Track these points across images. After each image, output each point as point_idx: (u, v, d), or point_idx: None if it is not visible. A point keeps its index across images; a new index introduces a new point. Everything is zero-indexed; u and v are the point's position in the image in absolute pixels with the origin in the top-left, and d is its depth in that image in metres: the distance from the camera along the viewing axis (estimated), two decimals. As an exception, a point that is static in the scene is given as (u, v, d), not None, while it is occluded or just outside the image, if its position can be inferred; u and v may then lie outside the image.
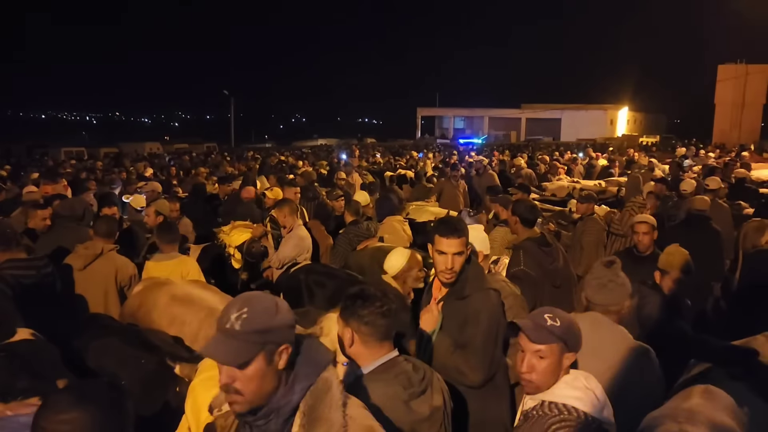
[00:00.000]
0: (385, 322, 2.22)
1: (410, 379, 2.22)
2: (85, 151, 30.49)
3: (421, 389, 2.22)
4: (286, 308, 1.74)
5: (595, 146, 29.90)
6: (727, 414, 2.04)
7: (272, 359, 1.67)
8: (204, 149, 34.93)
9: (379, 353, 2.24)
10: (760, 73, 42.49)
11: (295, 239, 5.88)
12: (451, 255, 2.86)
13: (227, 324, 1.64)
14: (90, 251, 4.59)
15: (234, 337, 1.63)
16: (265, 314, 1.67)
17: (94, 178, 12.06)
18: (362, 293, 2.28)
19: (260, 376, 1.66)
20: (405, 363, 2.26)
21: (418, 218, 7.04)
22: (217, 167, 17.31)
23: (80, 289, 4.53)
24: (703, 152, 21.22)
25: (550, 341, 2.09)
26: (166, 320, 3.76)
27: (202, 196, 9.40)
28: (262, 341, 1.64)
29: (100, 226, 4.84)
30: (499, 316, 2.95)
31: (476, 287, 2.94)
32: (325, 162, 18.89)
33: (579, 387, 2.09)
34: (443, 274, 2.90)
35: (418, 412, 2.19)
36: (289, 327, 1.72)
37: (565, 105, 59.86)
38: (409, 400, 2.19)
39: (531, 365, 2.11)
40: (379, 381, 2.19)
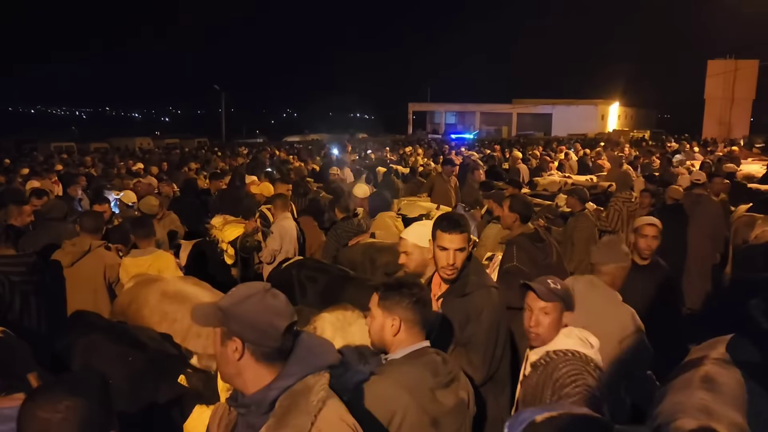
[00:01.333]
0: (426, 310, 2.29)
1: (438, 369, 2.23)
2: (75, 146, 30.27)
3: (448, 380, 2.23)
4: (266, 308, 1.73)
5: (585, 141, 30.00)
6: (735, 409, 2.22)
7: (225, 343, 1.73)
8: (195, 144, 34.75)
9: (416, 340, 2.27)
10: (749, 68, 42.69)
11: (279, 229, 5.97)
12: (453, 251, 2.85)
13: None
14: (77, 248, 4.57)
15: (212, 304, 1.78)
16: (234, 297, 1.75)
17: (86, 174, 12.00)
18: (404, 282, 2.35)
19: (218, 354, 1.77)
20: (434, 354, 2.28)
21: (410, 214, 7.03)
22: (208, 162, 17.24)
23: (69, 286, 4.52)
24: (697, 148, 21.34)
25: (554, 300, 2.55)
26: (157, 317, 3.75)
27: (193, 192, 9.37)
28: (219, 318, 1.73)
29: (87, 222, 4.79)
30: (501, 314, 2.94)
31: (478, 284, 2.93)
32: (318, 158, 18.87)
33: (574, 336, 2.55)
34: (445, 270, 2.89)
35: (443, 402, 2.20)
36: (249, 325, 1.70)
37: (556, 100, 59.93)
38: (435, 389, 2.20)
39: (538, 320, 2.55)
40: (407, 366, 2.21)
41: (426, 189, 10.80)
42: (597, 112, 56.43)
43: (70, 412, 1.56)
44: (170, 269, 4.64)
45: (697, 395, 2.35)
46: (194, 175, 12.28)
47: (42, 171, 12.37)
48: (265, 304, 1.74)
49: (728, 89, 42.82)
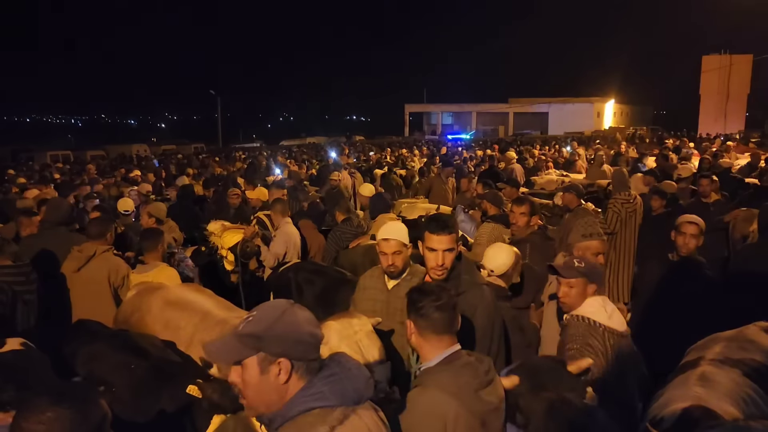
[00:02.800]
0: (440, 316, 2.25)
1: (476, 369, 2.22)
2: (71, 155, 30.22)
3: (489, 379, 2.23)
4: (298, 320, 1.67)
5: (581, 139, 30.04)
6: (730, 403, 2.36)
7: (266, 369, 1.62)
8: (192, 150, 34.74)
9: (439, 347, 2.26)
10: (743, 63, 42.85)
11: (283, 236, 5.98)
12: (441, 252, 2.88)
13: (237, 326, 1.68)
14: (83, 254, 4.60)
15: (234, 336, 1.65)
16: (265, 321, 1.64)
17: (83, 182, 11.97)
18: (421, 288, 2.36)
19: (255, 383, 1.63)
20: (468, 356, 2.28)
21: (409, 215, 7.04)
22: (205, 168, 17.22)
23: (75, 291, 4.55)
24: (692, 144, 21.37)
25: (576, 276, 3.02)
26: (160, 325, 3.74)
27: (190, 198, 9.35)
28: (254, 346, 1.62)
29: (92, 228, 4.83)
30: (494, 311, 2.98)
31: (470, 283, 2.96)
32: (316, 161, 18.87)
33: (594, 305, 3.02)
34: (435, 270, 2.91)
35: (489, 401, 2.20)
36: (293, 341, 1.63)
37: (552, 99, 60.02)
38: (479, 389, 2.19)
39: (565, 292, 3.06)
40: (446, 372, 2.20)
41: (424, 191, 10.81)
42: (593, 109, 56.55)
43: (53, 423, 1.56)
44: (172, 283, 4.64)
45: (692, 390, 2.45)
46: (192, 181, 12.26)
47: (40, 180, 12.37)
48: (297, 317, 1.68)
49: (723, 84, 42.98)
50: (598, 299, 3.06)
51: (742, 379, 2.60)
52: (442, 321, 2.26)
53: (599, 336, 2.90)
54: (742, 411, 2.36)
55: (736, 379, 2.58)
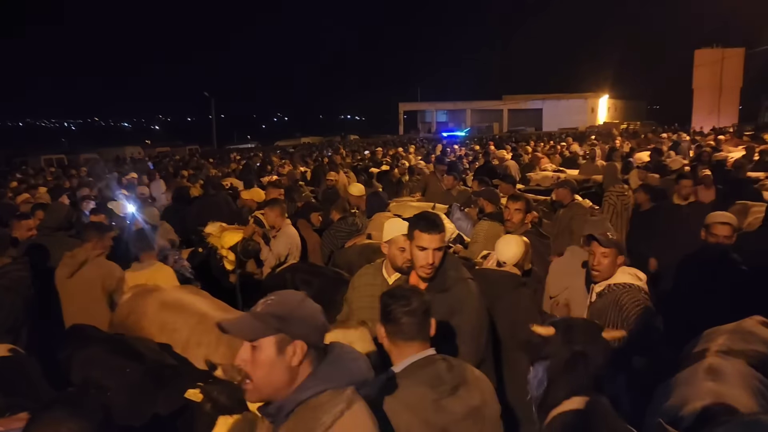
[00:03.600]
0: (409, 321, 2.22)
1: (441, 377, 2.19)
2: (65, 158, 30.11)
3: (452, 387, 2.18)
4: (314, 309, 1.76)
5: (576, 135, 30.10)
6: (744, 392, 2.46)
7: (283, 350, 1.68)
8: (186, 152, 34.65)
9: (408, 352, 2.23)
10: (735, 56, 42.96)
11: (285, 237, 5.97)
12: (431, 250, 2.87)
13: (254, 308, 1.74)
14: (75, 260, 4.57)
15: (253, 315, 1.71)
16: (287, 305, 1.72)
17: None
18: (391, 292, 2.34)
19: (269, 363, 1.68)
20: (440, 362, 2.23)
21: (405, 214, 7.03)
22: (200, 170, 17.17)
23: (68, 297, 4.52)
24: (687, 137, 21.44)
25: (611, 246, 3.37)
26: (156, 328, 3.74)
27: (185, 200, 9.32)
28: (276, 326, 1.68)
29: (89, 232, 4.82)
30: (482, 304, 3.00)
31: (456, 278, 2.97)
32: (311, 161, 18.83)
33: (629, 273, 3.41)
34: (423, 269, 2.90)
35: (451, 411, 2.16)
36: (310, 325, 1.72)
37: (546, 95, 60.08)
38: (439, 399, 2.15)
39: (599, 261, 3.40)
40: (406, 380, 2.17)
41: (419, 189, 10.80)
42: (587, 105, 56.65)
43: None
44: (169, 281, 4.63)
45: (704, 386, 2.45)
46: (187, 183, 12.22)
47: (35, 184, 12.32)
48: (313, 305, 1.77)
49: (716, 78, 43.07)
50: (627, 269, 3.46)
51: (747, 369, 2.63)
52: (410, 326, 2.22)
53: (646, 297, 3.29)
54: (757, 401, 2.41)
55: (742, 370, 2.62)
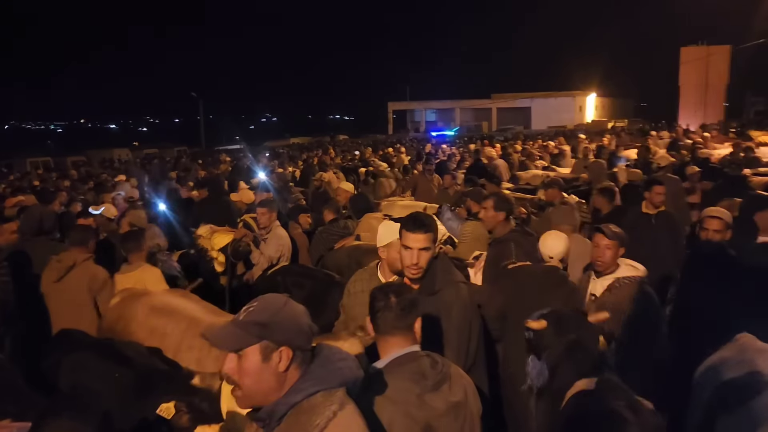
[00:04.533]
0: (394, 316, 2.23)
1: (424, 373, 2.20)
2: (52, 161, 29.82)
3: (435, 383, 2.20)
4: (297, 312, 1.74)
5: (565, 133, 30.22)
6: None
7: (269, 357, 1.67)
8: (174, 153, 34.45)
9: (391, 346, 2.25)
10: (721, 54, 43.26)
11: (276, 238, 5.96)
12: (416, 250, 2.85)
13: (237, 315, 1.71)
14: (63, 264, 4.53)
15: (235, 324, 1.68)
16: (269, 310, 1.70)
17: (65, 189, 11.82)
18: (380, 287, 2.35)
19: (256, 371, 1.67)
20: (424, 358, 2.24)
21: (395, 214, 7.02)
22: (188, 171, 17.07)
23: (55, 301, 4.48)
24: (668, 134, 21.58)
25: (615, 239, 3.67)
26: (146, 332, 3.71)
27: (175, 202, 9.26)
28: (258, 334, 1.66)
29: (74, 236, 4.76)
30: (471, 309, 2.96)
31: (446, 281, 2.94)
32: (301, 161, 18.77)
33: (629, 264, 3.72)
34: (409, 269, 2.88)
35: (433, 406, 2.17)
36: (295, 330, 1.70)
37: (535, 93, 60.37)
38: (422, 394, 2.17)
39: (603, 253, 3.69)
40: (390, 374, 2.18)
41: (409, 188, 10.81)
42: (575, 103, 56.96)
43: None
44: (156, 283, 4.60)
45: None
46: (177, 185, 12.14)
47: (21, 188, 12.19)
48: (296, 309, 1.76)
49: (702, 75, 43.36)
50: (626, 260, 3.74)
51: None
52: (396, 321, 2.24)
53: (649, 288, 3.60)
54: None
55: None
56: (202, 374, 2.73)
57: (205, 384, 2.76)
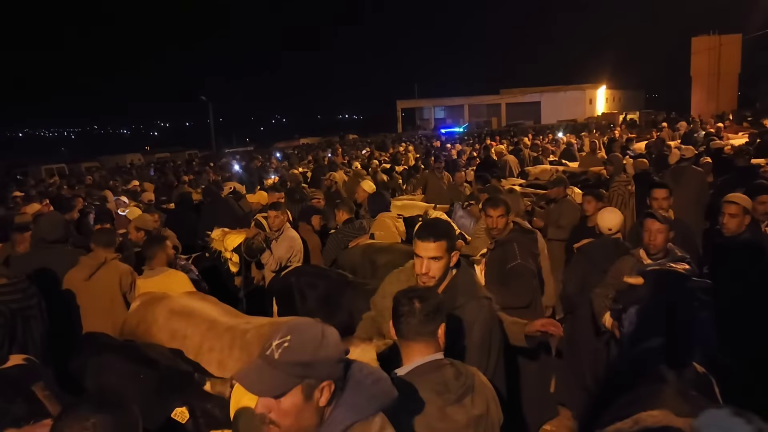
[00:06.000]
0: (412, 321, 2.18)
1: (447, 384, 2.14)
2: (66, 167, 30.13)
3: (458, 396, 2.15)
4: (335, 340, 1.61)
5: (576, 127, 30.07)
6: None
7: (311, 395, 1.56)
8: (186, 157, 34.67)
9: (415, 354, 2.20)
10: (732, 43, 42.77)
11: (288, 240, 5.94)
12: (426, 259, 2.75)
13: (267, 351, 1.55)
14: (94, 261, 4.66)
15: (272, 366, 1.54)
16: (309, 346, 1.56)
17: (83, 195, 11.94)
18: (404, 290, 2.29)
19: (297, 411, 1.55)
20: (448, 367, 2.19)
21: (405, 214, 7.05)
22: (200, 175, 17.18)
23: (87, 298, 4.58)
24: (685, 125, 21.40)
25: (666, 224, 3.85)
26: (167, 335, 3.76)
27: (188, 206, 9.34)
28: (301, 374, 1.54)
29: (99, 238, 4.88)
30: (492, 325, 2.86)
31: (469, 296, 2.83)
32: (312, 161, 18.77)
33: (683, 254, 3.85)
34: (420, 278, 2.80)
35: (454, 419, 2.12)
36: (335, 362, 1.59)
37: (544, 87, 59.97)
38: (444, 407, 2.12)
39: (655, 237, 3.86)
40: (412, 385, 2.13)
41: (419, 186, 10.81)
42: (585, 96, 56.52)
43: (97, 428, 1.61)
44: (183, 286, 4.63)
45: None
46: (189, 189, 12.23)
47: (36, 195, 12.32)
48: (333, 337, 1.62)
49: (714, 65, 42.89)
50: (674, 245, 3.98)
51: None
52: (419, 327, 2.18)
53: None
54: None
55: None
56: (212, 381, 2.77)
57: (217, 390, 2.80)
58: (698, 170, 8.27)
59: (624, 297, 3.01)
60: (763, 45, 39.37)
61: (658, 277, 2.90)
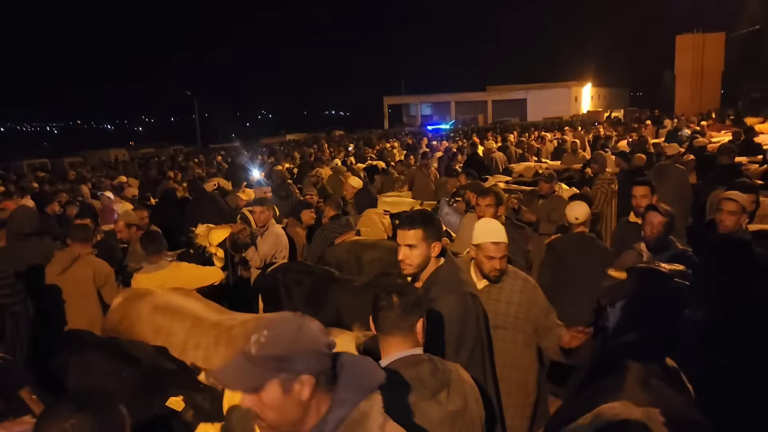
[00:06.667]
0: (389, 316, 2.17)
1: (422, 380, 2.14)
2: (48, 163, 29.75)
3: (432, 392, 2.14)
4: (313, 334, 1.60)
5: (562, 124, 30.26)
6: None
7: (290, 389, 1.56)
8: (171, 152, 34.39)
9: (393, 348, 2.19)
10: (716, 41, 43.23)
11: (273, 236, 5.91)
12: (403, 246, 2.84)
13: (246, 347, 1.55)
14: (68, 256, 4.64)
15: (247, 360, 1.54)
16: (284, 340, 1.55)
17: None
18: (383, 285, 2.30)
19: (277, 405, 1.56)
20: (425, 363, 2.18)
21: (393, 210, 7.05)
22: (185, 170, 17.06)
23: (60, 293, 4.54)
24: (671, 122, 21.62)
25: (667, 216, 3.95)
26: (151, 332, 3.74)
27: (173, 201, 9.27)
28: (276, 368, 1.53)
29: (76, 233, 4.87)
30: (468, 320, 2.82)
31: (446, 289, 2.82)
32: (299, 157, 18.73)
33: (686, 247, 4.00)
34: (401, 265, 2.88)
35: (428, 415, 2.11)
36: (314, 355, 1.57)
37: (530, 85, 60.27)
38: (418, 402, 2.11)
39: (659, 230, 3.94)
40: (388, 380, 2.09)
41: (406, 183, 10.82)
42: (570, 94, 56.89)
43: (76, 429, 1.58)
44: (192, 276, 4.68)
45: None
46: (173, 184, 12.13)
47: (18, 191, 12.18)
48: (314, 330, 1.61)
49: (697, 63, 43.32)
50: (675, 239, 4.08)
51: None
52: (397, 321, 2.18)
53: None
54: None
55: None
56: (207, 372, 2.75)
57: (210, 382, 2.78)
58: (680, 168, 8.36)
59: (611, 292, 2.98)
60: (746, 43, 39.77)
61: (642, 274, 2.87)
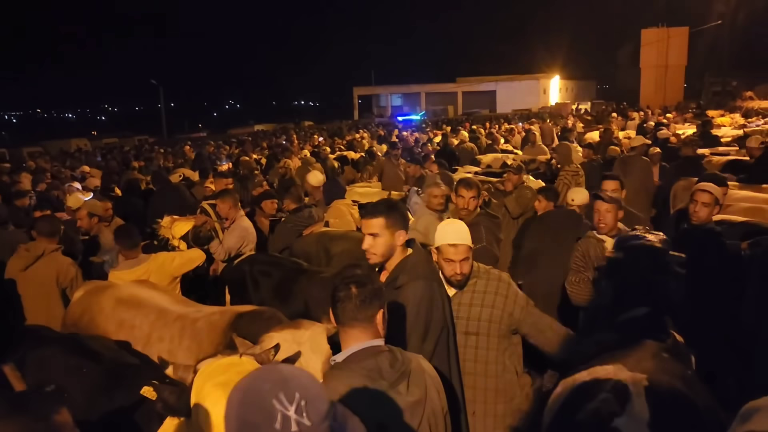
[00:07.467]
0: (348, 307, 2.13)
1: (381, 371, 2.09)
2: (6, 153, 28.84)
3: (391, 383, 2.10)
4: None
5: (530, 116, 30.57)
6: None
7: None
8: (135, 143, 33.69)
9: (352, 340, 2.15)
10: (680, 36, 44.16)
11: (239, 230, 5.78)
12: (367, 235, 2.84)
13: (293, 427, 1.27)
14: (31, 252, 4.47)
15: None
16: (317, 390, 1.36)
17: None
18: (342, 278, 2.22)
19: None
20: (385, 354, 2.13)
21: (362, 200, 7.01)
22: (151, 161, 16.75)
23: (22, 290, 4.42)
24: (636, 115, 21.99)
25: (613, 203, 4.04)
26: (114, 325, 3.66)
27: (136, 193, 9.08)
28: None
29: (43, 227, 4.67)
30: (431, 308, 2.79)
31: (412, 276, 2.79)
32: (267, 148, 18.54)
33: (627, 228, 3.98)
34: (366, 255, 2.87)
35: (387, 406, 2.08)
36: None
37: (499, 77, 60.69)
38: (376, 394, 2.07)
39: (604, 216, 4.03)
40: (345, 371, 2.09)
41: (375, 174, 10.79)
42: (539, 86, 57.48)
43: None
44: (177, 263, 4.63)
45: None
46: (138, 175, 11.88)
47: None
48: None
49: (662, 57, 44.21)
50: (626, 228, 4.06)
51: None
52: (355, 312, 2.13)
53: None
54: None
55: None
56: (175, 365, 2.68)
57: (179, 376, 2.71)
58: (645, 160, 8.49)
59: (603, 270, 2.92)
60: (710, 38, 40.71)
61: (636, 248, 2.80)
